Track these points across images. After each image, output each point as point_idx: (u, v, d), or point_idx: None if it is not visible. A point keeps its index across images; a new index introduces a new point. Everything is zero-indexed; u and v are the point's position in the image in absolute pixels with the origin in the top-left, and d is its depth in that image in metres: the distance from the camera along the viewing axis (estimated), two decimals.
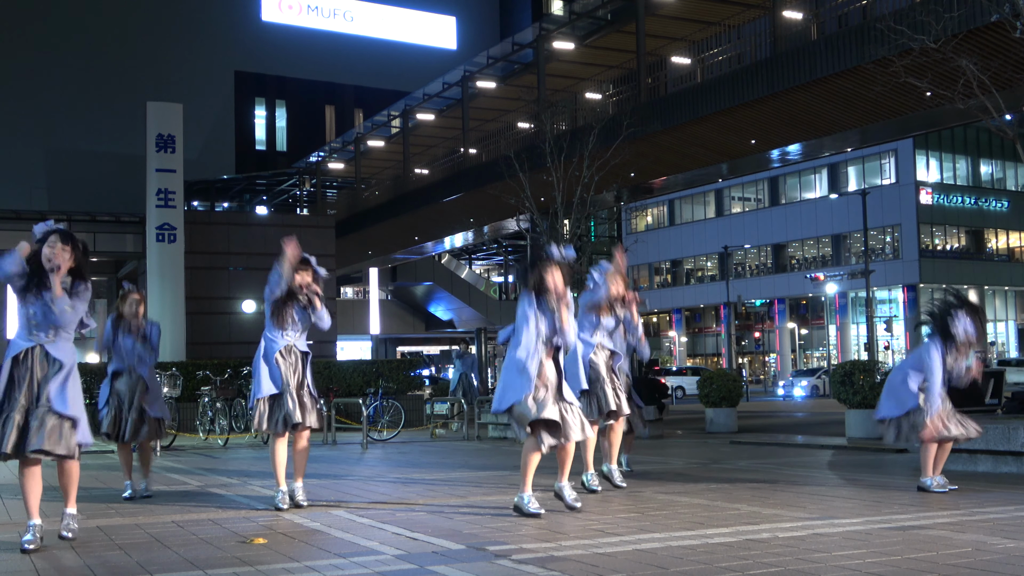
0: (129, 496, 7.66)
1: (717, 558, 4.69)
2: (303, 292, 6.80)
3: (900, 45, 15.48)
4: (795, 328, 58.44)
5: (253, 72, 59.19)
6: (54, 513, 5.98)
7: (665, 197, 60.42)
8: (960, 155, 55.51)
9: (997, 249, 57.35)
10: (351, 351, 51.27)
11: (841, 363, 14.75)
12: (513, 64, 38.60)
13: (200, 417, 15.55)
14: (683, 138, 28.49)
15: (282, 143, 62.09)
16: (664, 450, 11.83)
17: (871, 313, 44.28)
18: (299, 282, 6.78)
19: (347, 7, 61.93)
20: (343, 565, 4.67)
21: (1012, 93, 18.91)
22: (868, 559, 4.61)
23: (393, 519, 6.23)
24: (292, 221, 33.30)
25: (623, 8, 32.81)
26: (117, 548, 5.28)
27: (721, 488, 7.73)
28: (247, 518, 6.36)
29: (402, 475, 9.41)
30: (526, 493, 6.31)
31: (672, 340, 64.95)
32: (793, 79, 24.07)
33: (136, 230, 25.66)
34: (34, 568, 4.76)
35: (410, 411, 17.45)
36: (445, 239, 48.53)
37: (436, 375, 40.38)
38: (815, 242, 57.03)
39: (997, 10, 14.42)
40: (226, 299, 26.70)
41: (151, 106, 24.05)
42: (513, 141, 34.73)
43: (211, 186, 48.48)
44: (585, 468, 7.58)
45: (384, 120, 47.87)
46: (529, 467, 6.30)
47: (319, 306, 6.82)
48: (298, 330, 6.90)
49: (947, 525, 5.64)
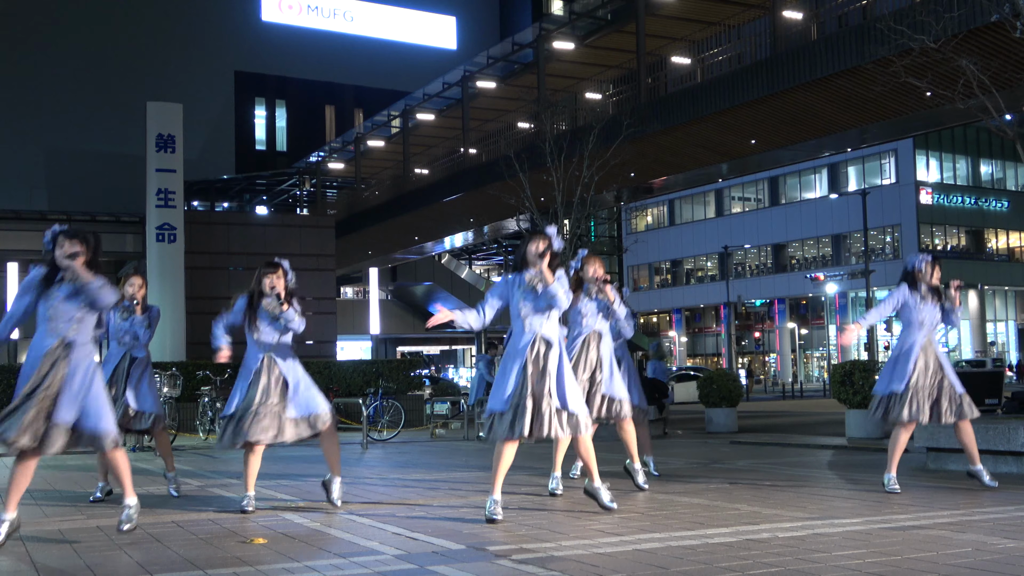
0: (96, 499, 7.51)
1: (717, 558, 4.68)
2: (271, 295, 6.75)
3: (900, 45, 15.48)
4: (795, 328, 58.45)
5: (253, 72, 59.20)
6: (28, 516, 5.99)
7: (665, 197, 60.43)
8: (960, 155, 55.52)
9: (997, 249, 57.35)
10: (351, 351, 51.28)
11: (841, 363, 14.75)
12: (513, 64, 38.62)
13: (200, 417, 15.55)
14: (683, 138, 28.50)
15: (282, 143, 62.11)
16: (664, 450, 11.83)
17: None
18: (268, 286, 6.76)
19: (347, 7, 61.94)
20: (343, 565, 4.67)
21: (1012, 93, 18.92)
22: (868, 559, 4.61)
23: (393, 519, 6.22)
24: (292, 221, 33.29)
25: (623, 8, 32.82)
26: (117, 548, 5.28)
27: (721, 488, 7.72)
28: (247, 518, 6.36)
29: (402, 475, 9.40)
30: (493, 496, 6.07)
31: (672, 340, 64.96)
32: (793, 79, 24.08)
33: (136, 230, 25.66)
34: (34, 568, 4.76)
35: (410, 411, 17.44)
36: (445, 239, 48.56)
37: (436, 375, 40.36)
38: (815, 242, 57.03)
39: (997, 10, 14.41)
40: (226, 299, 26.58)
41: (151, 106, 24.05)
42: (513, 141, 34.74)
43: (211, 186, 48.51)
44: (553, 468, 7.48)
45: (384, 120, 47.88)
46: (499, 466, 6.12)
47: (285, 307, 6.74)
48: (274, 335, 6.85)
49: (947, 525, 5.63)
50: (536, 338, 6.13)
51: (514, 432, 5.95)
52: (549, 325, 6.19)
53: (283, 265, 6.83)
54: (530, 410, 5.98)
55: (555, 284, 6.06)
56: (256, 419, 6.57)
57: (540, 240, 6.20)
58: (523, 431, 5.94)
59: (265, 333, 6.82)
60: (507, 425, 5.97)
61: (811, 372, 58.38)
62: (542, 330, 6.15)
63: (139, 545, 5.35)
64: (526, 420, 5.95)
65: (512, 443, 6.05)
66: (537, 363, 6.09)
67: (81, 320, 5.52)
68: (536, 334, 6.14)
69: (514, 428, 5.95)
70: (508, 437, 5.98)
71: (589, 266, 7.47)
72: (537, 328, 6.15)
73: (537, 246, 6.16)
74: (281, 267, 6.81)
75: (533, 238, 6.26)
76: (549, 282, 6.07)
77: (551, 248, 6.15)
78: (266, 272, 6.77)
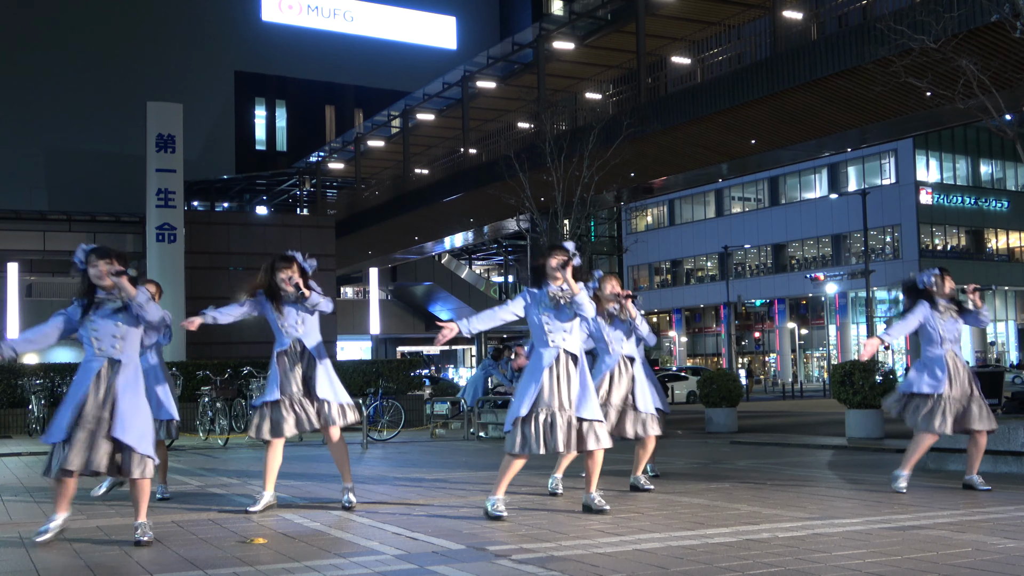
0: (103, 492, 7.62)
1: (717, 558, 4.69)
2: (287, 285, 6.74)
3: (900, 45, 15.49)
4: (795, 328, 58.45)
5: (253, 72, 59.22)
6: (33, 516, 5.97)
7: (665, 197, 60.43)
8: (960, 155, 55.52)
9: (997, 249, 57.34)
10: (351, 351, 51.27)
11: (841, 363, 14.75)
12: (513, 64, 38.60)
13: (200, 417, 15.55)
14: (683, 138, 28.49)
15: (282, 143, 62.12)
16: (664, 450, 11.83)
17: (871, 313, 44.30)
18: (281, 277, 6.74)
19: (347, 7, 61.94)
20: (343, 565, 4.67)
21: (1012, 93, 18.92)
22: (868, 559, 4.61)
23: (393, 519, 6.23)
24: (292, 221, 33.31)
25: (623, 8, 32.81)
26: (117, 548, 5.28)
27: (721, 488, 7.72)
28: (247, 518, 6.36)
29: (402, 475, 9.41)
30: (496, 496, 6.23)
31: (672, 340, 64.97)
32: (793, 79, 24.07)
33: (136, 230, 25.67)
34: (34, 568, 4.76)
35: (410, 411, 17.44)
36: (445, 239, 48.56)
37: (436, 375, 40.36)
38: (815, 242, 57.03)
39: (997, 10, 14.43)
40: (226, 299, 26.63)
41: (151, 106, 24.05)
42: (513, 141, 34.75)
43: (211, 186, 48.51)
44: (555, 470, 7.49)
45: (384, 120, 47.87)
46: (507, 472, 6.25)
47: (307, 293, 6.75)
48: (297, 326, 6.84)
49: (947, 525, 5.64)
50: (560, 352, 6.26)
51: (527, 449, 6.11)
52: (572, 339, 6.34)
53: (296, 258, 6.84)
54: (550, 425, 6.11)
55: (582, 294, 6.19)
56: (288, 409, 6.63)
57: (560, 254, 6.30)
58: (538, 449, 6.09)
59: (291, 323, 6.76)
60: (522, 441, 6.11)
61: (811, 372, 58.39)
62: (565, 344, 6.29)
63: (139, 545, 5.35)
64: (542, 437, 6.09)
65: (523, 458, 6.22)
66: (560, 377, 6.21)
67: (124, 337, 5.57)
68: (560, 348, 6.27)
69: (529, 445, 6.10)
70: (521, 454, 6.14)
71: (607, 285, 7.54)
72: (560, 343, 6.28)
73: (559, 260, 6.27)
74: (295, 260, 6.81)
75: (553, 252, 6.36)
76: (575, 292, 6.19)
77: (572, 260, 6.26)
78: (281, 266, 6.72)
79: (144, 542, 5.38)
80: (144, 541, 5.38)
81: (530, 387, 6.20)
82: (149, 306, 5.54)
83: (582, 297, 6.18)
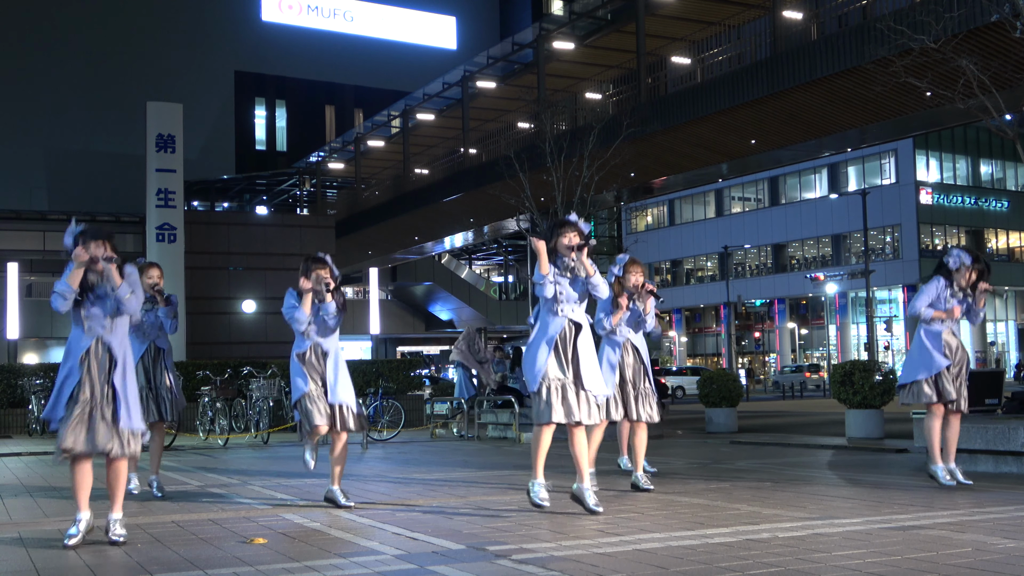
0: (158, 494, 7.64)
1: (717, 558, 4.69)
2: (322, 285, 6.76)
3: (900, 45, 15.48)
4: (795, 328, 58.46)
5: (253, 72, 59.23)
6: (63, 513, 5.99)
7: (665, 197, 60.44)
8: (960, 155, 55.52)
9: (997, 249, 57.34)
10: (351, 351, 51.21)
11: (841, 363, 14.75)
12: (513, 64, 38.61)
13: (200, 417, 15.55)
14: (683, 138, 28.50)
15: (282, 143, 62.13)
16: (664, 450, 11.83)
17: (871, 313, 44.30)
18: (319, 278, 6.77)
19: (347, 7, 61.95)
20: (343, 565, 4.67)
21: (1012, 93, 18.91)
22: (868, 559, 4.61)
23: (393, 519, 6.23)
24: (292, 221, 33.32)
25: (623, 8, 32.82)
26: (117, 548, 5.28)
27: (721, 488, 7.72)
28: (247, 518, 6.36)
29: (402, 475, 9.41)
30: (537, 480, 6.27)
31: (672, 340, 64.98)
32: (793, 79, 24.08)
33: (136, 230, 25.69)
34: (34, 568, 4.76)
35: (410, 411, 17.45)
36: (445, 239, 48.55)
37: (436, 375, 40.36)
38: (815, 242, 57.04)
39: (997, 10, 14.43)
40: (226, 299, 26.70)
41: (151, 106, 24.07)
42: (513, 141, 34.74)
43: (211, 186, 48.52)
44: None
45: (384, 120, 47.87)
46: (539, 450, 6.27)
47: (327, 299, 6.78)
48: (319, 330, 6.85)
49: (947, 525, 5.64)
50: (567, 323, 6.28)
51: (551, 416, 6.11)
52: (579, 311, 6.37)
53: (327, 260, 6.86)
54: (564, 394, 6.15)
55: (597, 275, 6.23)
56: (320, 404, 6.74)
57: (572, 232, 6.28)
58: (559, 416, 6.10)
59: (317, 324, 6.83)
60: (544, 409, 6.14)
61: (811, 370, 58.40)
62: (573, 315, 6.31)
63: (139, 545, 5.36)
64: (559, 405, 6.13)
65: (550, 427, 6.21)
66: (567, 347, 6.24)
67: (112, 319, 5.56)
68: (567, 319, 6.29)
69: (551, 412, 6.11)
70: (548, 421, 6.14)
71: (631, 274, 7.53)
72: (568, 313, 6.29)
73: (570, 239, 6.26)
74: (326, 262, 6.84)
75: (563, 230, 6.31)
76: (591, 273, 6.21)
77: (585, 239, 6.24)
78: (316, 266, 6.77)
79: (120, 543, 5.34)
80: (120, 542, 5.34)
81: (539, 360, 6.20)
82: (129, 301, 5.48)
83: (598, 279, 6.22)
